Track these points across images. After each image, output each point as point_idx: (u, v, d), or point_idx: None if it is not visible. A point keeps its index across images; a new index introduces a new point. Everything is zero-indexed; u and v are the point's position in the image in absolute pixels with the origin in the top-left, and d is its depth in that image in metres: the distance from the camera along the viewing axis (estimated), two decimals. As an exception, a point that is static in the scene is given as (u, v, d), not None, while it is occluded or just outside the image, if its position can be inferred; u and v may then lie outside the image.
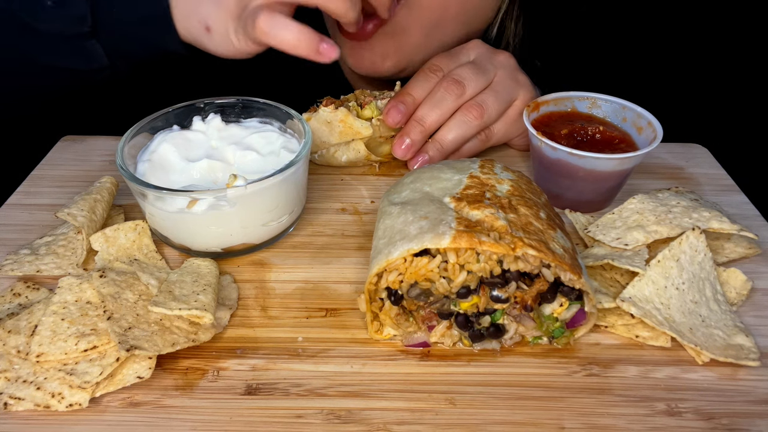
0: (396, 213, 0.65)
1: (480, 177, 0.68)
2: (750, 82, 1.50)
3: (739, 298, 0.70)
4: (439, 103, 0.88)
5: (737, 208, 0.84)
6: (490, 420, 0.57)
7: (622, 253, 0.70)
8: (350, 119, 0.88)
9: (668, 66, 1.47)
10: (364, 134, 0.89)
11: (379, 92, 0.95)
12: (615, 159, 0.78)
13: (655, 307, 0.64)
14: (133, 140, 0.78)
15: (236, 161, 0.79)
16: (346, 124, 0.88)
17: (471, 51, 0.94)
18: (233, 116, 0.86)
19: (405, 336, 0.65)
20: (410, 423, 0.57)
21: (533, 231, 0.60)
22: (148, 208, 0.73)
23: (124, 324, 0.61)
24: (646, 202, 0.75)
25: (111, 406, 0.58)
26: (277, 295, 0.72)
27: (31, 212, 0.84)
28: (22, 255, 0.73)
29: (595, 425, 0.57)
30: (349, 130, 0.89)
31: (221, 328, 0.66)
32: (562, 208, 0.83)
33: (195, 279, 0.69)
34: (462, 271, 0.60)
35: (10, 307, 0.67)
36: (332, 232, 0.82)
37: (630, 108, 0.87)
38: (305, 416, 0.58)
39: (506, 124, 0.93)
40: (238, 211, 0.71)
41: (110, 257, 0.72)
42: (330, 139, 0.90)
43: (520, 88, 0.92)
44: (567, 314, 0.63)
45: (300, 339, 0.66)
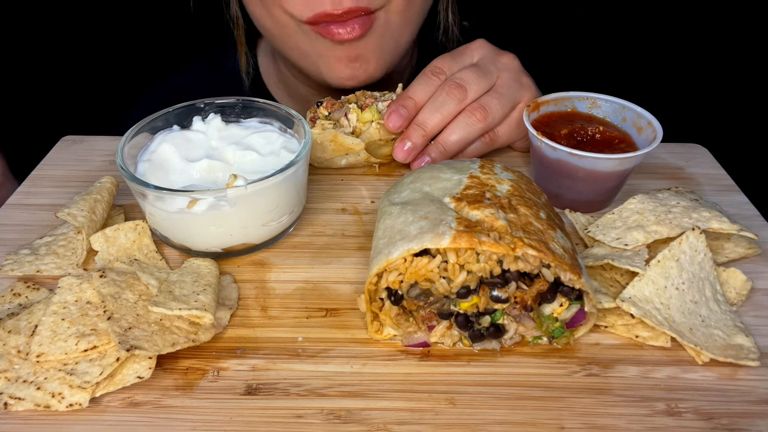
0: (396, 213, 0.65)
1: (480, 177, 0.68)
2: (750, 82, 1.50)
3: (739, 298, 0.70)
4: (441, 107, 0.87)
5: (737, 208, 0.84)
6: (490, 420, 0.57)
7: (622, 253, 0.70)
8: (340, 138, 0.88)
9: (668, 66, 1.47)
10: (357, 149, 0.89)
11: (380, 93, 0.95)
12: (615, 159, 0.78)
13: (655, 307, 0.64)
14: (133, 140, 0.78)
15: (236, 161, 0.79)
16: (336, 143, 0.88)
17: (475, 52, 0.93)
18: (233, 116, 0.86)
19: (405, 336, 0.65)
20: (410, 423, 0.57)
21: (533, 231, 0.60)
22: (148, 208, 0.73)
23: (124, 324, 0.61)
24: (646, 202, 0.75)
25: (111, 406, 0.58)
26: (277, 295, 0.72)
27: (31, 212, 0.84)
28: (22, 255, 0.73)
29: (595, 425, 0.57)
30: (341, 147, 0.89)
31: (221, 328, 0.66)
32: (562, 208, 0.83)
33: (195, 279, 0.69)
34: (462, 271, 0.60)
35: (10, 307, 0.67)
36: (332, 232, 0.82)
37: (630, 108, 0.87)
38: (305, 416, 0.58)
39: (510, 127, 0.93)
40: (238, 211, 0.71)
41: (110, 257, 0.72)
42: (324, 155, 0.91)
43: (524, 90, 0.92)
44: (567, 314, 0.63)
45: (300, 339, 0.66)
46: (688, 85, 1.47)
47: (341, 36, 0.93)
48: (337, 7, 0.90)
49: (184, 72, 1.26)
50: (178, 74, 1.26)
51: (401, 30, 1.00)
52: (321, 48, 0.97)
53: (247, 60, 1.15)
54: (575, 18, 1.29)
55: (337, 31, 0.92)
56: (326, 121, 0.91)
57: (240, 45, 1.13)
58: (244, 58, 1.15)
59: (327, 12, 0.90)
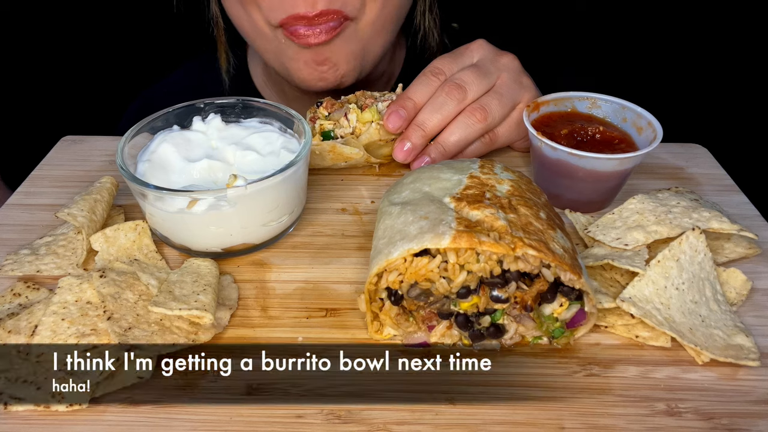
0: (396, 213, 0.65)
1: (480, 177, 0.68)
2: (750, 82, 1.50)
3: (739, 298, 0.70)
4: (441, 107, 0.87)
5: (737, 208, 0.84)
6: (490, 420, 0.57)
7: (622, 253, 0.70)
8: (338, 148, 0.88)
9: (668, 66, 1.47)
10: (356, 158, 0.89)
11: (380, 93, 0.95)
12: (615, 159, 0.78)
13: (655, 307, 0.64)
14: (133, 140, 0.78)
15: (236, 161, 0.79)
16: (335, 153, 0.88)
17: (474, 52, 0.93)
18: (233, 116, 0.86)
19: (405, 336, 0.65)
20: (410, 423, 0.57)
21: (533, 231, 0.60)
22: (148, 208, 0.74)
23: (124, 324, 0.61)
24: (646, 202, 0.75)
25: (111, 406, 0.58)
26: (277, 295, 0.72)
27: (31, 212, 0.84)
28: (22, 255, 0.73)
29: (595, 425, 0.57)
30: (340, 156, 0.89)
31: (221, 328, 0.66)
32: (562, 208, 0.83)
33: (195, 279, 0.69)
34: (462, 271, 0.60)
35: (10, 307, 0.67)
36: (332, 232, 0.82)
37: (630, 108, 0.87)
38: (305, 416, 0.58)
39: (510, 127, 0.92)
40: (238, 211, 0.71)
41: (110, 257, 0.72)
42: (323, 163, 0.91)
43: (524, 90, 0.92)
44: (567, 314, 0.63)
45: (300, 339, 0.66)
46: (688, 85, 1.47)
47: (308, 39, 0.94)
48: (310, 9, 0.91)
49: (179, 71, 1.28)
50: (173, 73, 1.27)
51: (371, 38, 1.01)
52: (290, 52, 0.98)
53: (228, 60, 1.17)
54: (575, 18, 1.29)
55: (304, 34, 0.93)
56: (326, 121, 0.91)
57: (220, 44, 1.15)
58: (223, 57, 1.16)
59: (300, 14, 0.91)
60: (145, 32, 1.57)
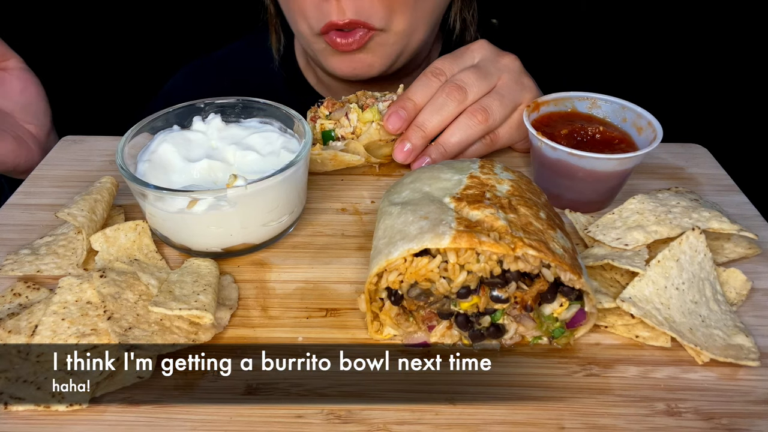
0: (396, 213, 0.65)
1: (480, 177, 0.68)
2: (750, 82, 1.50)
3: (739, 298, 0.70)
4: (441, 108, 0.87)
5: (737, 208, 0.84)
6: (490, 420, 0.57)
7: (622, 253, 0.70)
8: (339, 156, 0.88)
9: (668, 66, 1.47)
10: (357, 164, 0.89)
11: (380, 93, 0.95)
12: (615, 159, 0.78)
13: (655, 307, 0.64)
14: (133, 140, 0.78)
15: (236, 161, 0.79)
16: (336, 160, 0.89)
17: (476, 53, 0.93)
18: (233, 116, 0.86)
19: (405, 336, 0.65)
20: (410, 423, 0.57)
21: (533, 231, 0.60)
22: (148, 208, 0.74)
23: (125, 324, 0.61)
24: (646, 202, 0.75)
25: (111, 406, 0.58)
26: (277, 295, 0.72)
27: (31, 212, 0.84)
28: (22, 255, 0.73)
29: (595, 425, 0.57)
30: (341, 163, 0.89)
31: (221, 328, 0.66)
32: (562, 208, 0.83)
33: (195, 279, 0.69)
34: (462, 271, 0.60)
35: (10, 307, 0.67)
36: (332, 232, 0.82)
37: (630, 108, 0.87)
38: (305, 416, 0.58)
39: (511, 128, 0.92)
40: (238, 211, 0.71)
41: (110, 257, 0.72)
42: (324, 169, 0.91)
43: (525, 91, 0.92)
44: (567, 314, 0.63)
45: (300, 339, 0.66)
46: (688, 85, 1.47)
47: (341, 46, 1.00)
48: (341, 17, 0.97)
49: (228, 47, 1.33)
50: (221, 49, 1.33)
51: (405, 42, 1.05)
52: (326, 53, 1.05)
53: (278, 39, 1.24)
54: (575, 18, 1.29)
55: (338, 41, 0.99)
56: (327, 120, 0.91)
57: (271, 25, 1.23)
58: (274, 36, 1.24)
59: (332, 21, 0.97)
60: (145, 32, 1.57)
